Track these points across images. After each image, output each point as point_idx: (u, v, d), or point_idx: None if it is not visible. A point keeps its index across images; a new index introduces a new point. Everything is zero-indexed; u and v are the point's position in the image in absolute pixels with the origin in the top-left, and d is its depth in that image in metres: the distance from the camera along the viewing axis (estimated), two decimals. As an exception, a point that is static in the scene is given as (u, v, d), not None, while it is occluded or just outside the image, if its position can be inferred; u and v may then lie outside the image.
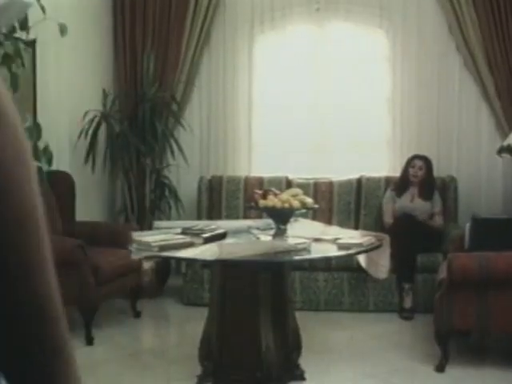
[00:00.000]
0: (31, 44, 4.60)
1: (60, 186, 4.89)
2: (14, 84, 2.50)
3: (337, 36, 5.76)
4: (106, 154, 5.47)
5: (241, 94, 5.81)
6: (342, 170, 5.65)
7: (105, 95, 5.60)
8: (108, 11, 5.86)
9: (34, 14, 2.71)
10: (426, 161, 5.28)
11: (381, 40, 5.72)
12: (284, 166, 5.74)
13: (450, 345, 3.90)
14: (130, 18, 5.83)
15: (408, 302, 4.88)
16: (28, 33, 2.66)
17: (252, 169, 5.85)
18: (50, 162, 2.66)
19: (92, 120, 5.37)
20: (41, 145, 2.64)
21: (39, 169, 2.57)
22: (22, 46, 2.56)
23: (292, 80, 5.76)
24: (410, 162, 5.30)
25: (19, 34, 2.66)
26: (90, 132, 5.33)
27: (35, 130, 2.60)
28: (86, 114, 5.31)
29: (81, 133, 5.28)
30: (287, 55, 5.77)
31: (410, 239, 4.88)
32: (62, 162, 5.01)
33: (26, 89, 4.72)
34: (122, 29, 5.85)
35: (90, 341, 4.34)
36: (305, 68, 5.77)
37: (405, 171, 5.32)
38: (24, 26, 2.59)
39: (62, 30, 2.71)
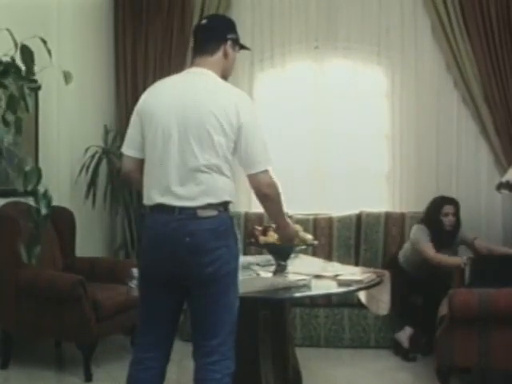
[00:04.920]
0: (35, 89, 4.66)
1: (60, 222, 4.90)
2: (18, 128, 2.52)
3: (336, 73, 5.81)
4: (107, 190, 5.49)
5: (241, 131, 5.84)
6: (341, 205, 5.66)
7: (106, 131, 5.66)
8: (110, 49, 5.93)
9: (38, 57, 2.74)
10: (456, 204, 4.87)
11: (379, 77, 5.78)
12: (283, 201, 5.73)
13: (452, 382, 3.87)
14: (132, 56, 5.91)
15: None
16: (32, 77, 2.69)
17: (252, 205, 5.86)
18: (49, 205, 2.67)
19: (93, 156, 5.41)
20: (41, 188, 2.66)
21: (37, 211, 2.59)
22: (26, 90, 2.58)
23: (291, 117, 5.80)
24: (439, 209, 4.82)
25: (24, 78, 2.69)
26: (91, 168, 5.36)
27: (35, 174, 2.62)
28: (87, 149, 5.35)
29: (82, 168, 5.31)
30: (287, 92, 5.81)
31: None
32: (62, 198, 5.03)
33: (28, 125, 4.77)
34: (124, 66, 5.92)
35: (88, 377, 4.31)
36: (304, 105, 5.81)
37: (437, 221, 4.79)
38: (30, 73, 2.62)
39: (67, 77, 2.73)
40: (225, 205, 2.74)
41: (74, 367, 4.47)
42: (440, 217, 4.79)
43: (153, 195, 2.73)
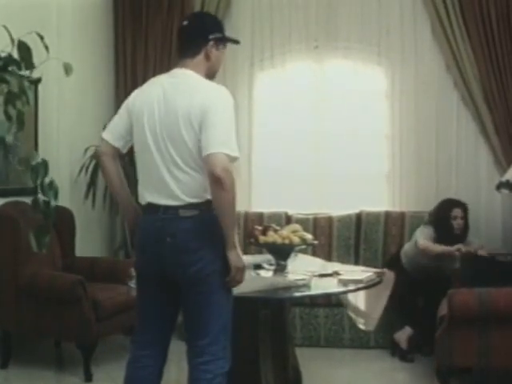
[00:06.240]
0: (34, 82, 4.66)
1: (60, 222, 4.89)
2: (20, 122, 2.52)
3: (336, 73, 5.81)
4: (107, 190, 5.48)
5: (241, 131, 5.83)
6: (341, 204, 5.66)
7: (106, 131, 5.65)
8: (110, 49, 5.94)
9: (37, 54, 2.74)
10: (464, 207, 4.87)
11: (379, 77, 5.78)
12: (283, 201, 5.75)
13: (451, 382, 3.87)
14: (132, 56, 5.91)
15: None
16: (32, 72, 2.68)
17: (252, 204, 5.86)
18: (56, 196, 2.67)
19: (93, 156, 5.40)
20: (46, 180, 2.66)
21: (47, 204, 2.59)
22: (26, 83, 2.58)
23: (291, 117, 5.80)
24: (448, 213, 4.79)
25: (23, 72, 2.68)
26: (91, 168, 5.36)
27: (43, 167, 2.62)
28: (86, 150, 5.35)
29: (81, 169, 5.31)
30: (287, 92, 5.80)
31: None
32: (62, 198, 4.99)
33: (27, 125, 4.77)
34: (124, 66, 5.92)
35: (88, 377, 4.31)
36: (304, 105, 5.81)
37: (446, 224, 4.77)
38: (29, 65, 2.61)
39: (67, 69, 2.72)
40: (208, 204, 2.70)
41: (74, 367, 4.47)
42: (450, 220, 4.77)
43: (144, 194, 2.83)
